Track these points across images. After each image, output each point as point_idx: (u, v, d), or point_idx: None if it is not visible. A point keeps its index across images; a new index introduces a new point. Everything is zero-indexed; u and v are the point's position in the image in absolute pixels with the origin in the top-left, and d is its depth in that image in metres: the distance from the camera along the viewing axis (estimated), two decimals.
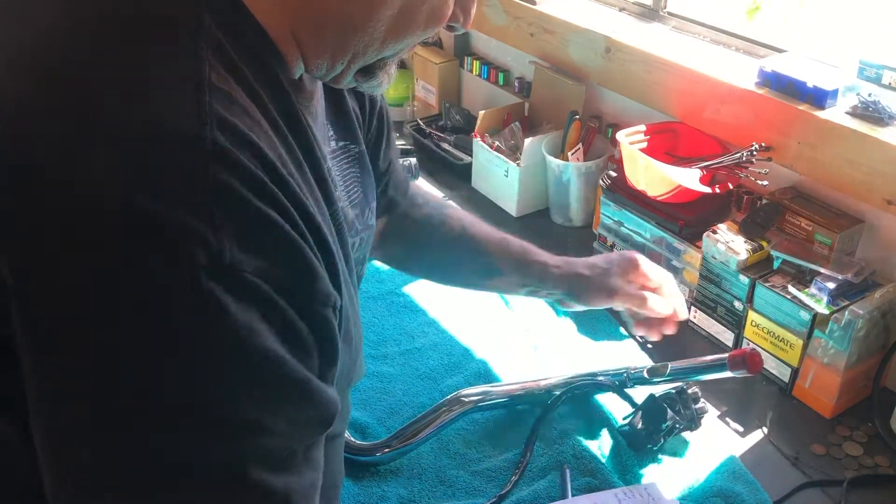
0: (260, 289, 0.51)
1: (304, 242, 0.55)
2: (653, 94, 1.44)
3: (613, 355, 1.25)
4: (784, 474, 1.06)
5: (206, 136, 0.50)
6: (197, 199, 0.49)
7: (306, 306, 0.56)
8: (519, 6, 1.67)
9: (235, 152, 0.51)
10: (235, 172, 0.50)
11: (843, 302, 1.12)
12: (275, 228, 0.53)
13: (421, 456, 1.07)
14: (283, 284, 0.53)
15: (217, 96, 0.52)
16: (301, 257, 0.55)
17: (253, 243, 0.51)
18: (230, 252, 0.49)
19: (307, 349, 0.57)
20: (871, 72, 1.19)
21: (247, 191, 0.51)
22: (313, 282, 0.56)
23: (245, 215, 0.51)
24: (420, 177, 1.73)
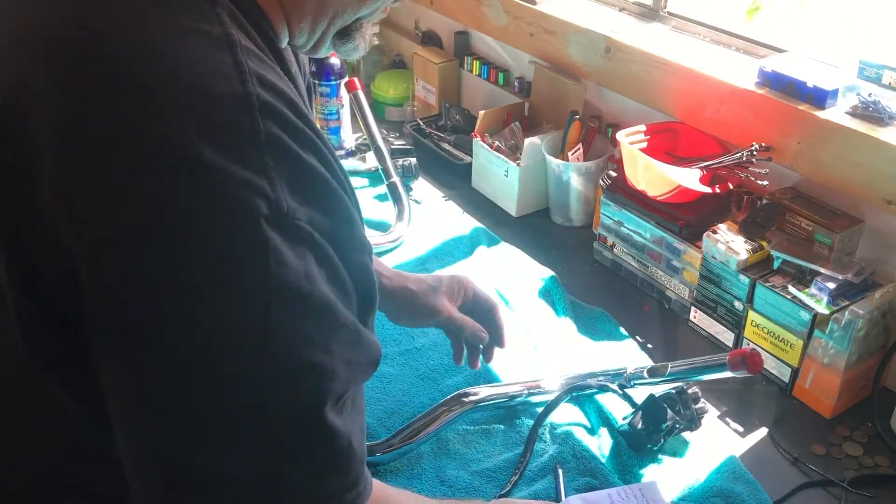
0: (313, 236, 0.55)
1: (343, 191, 0.58)
2: (653, 94, 1.44)
3: (613, 355, 1.25)
4: (784, 474, 1.06)
5: (252, 92, 0.52)
6: (254, 152, 0.52)
7: (346, 252, 0.58)
8: (519, 6, 1.67)
9: (280, 106, 0.54)
10: (282, 124, 0.53)
11: (843, 302, 1.12)
12: (319, 177, 0.56)
13: (421, 456, 1.07)
14: (328, 231, 0.56)
15: (249, 56, 0.54)
16: (342, 205, 0.58)
17: (302, 192, 0.54)
18: (286, 202, 0.52)
19: (349, 294, 0.59)
20: (871, 72, 1.19)
21: (294, 142, 0.54)
22: (352, 229, 0.59)
23: (294, 165, 0.54)
24: (420, 177, 1.73)
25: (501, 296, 1.38)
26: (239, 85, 0.52)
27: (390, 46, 2.21)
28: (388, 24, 2.23)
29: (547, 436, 1.10)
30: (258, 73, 0.53)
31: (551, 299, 1.37)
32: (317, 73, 1.78)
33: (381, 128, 1.80)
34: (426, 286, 1.06)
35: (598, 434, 1.11)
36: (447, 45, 2.03)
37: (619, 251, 1.45)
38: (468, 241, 1.54)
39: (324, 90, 1.78)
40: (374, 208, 1.66)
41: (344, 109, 1.82)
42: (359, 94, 1.76)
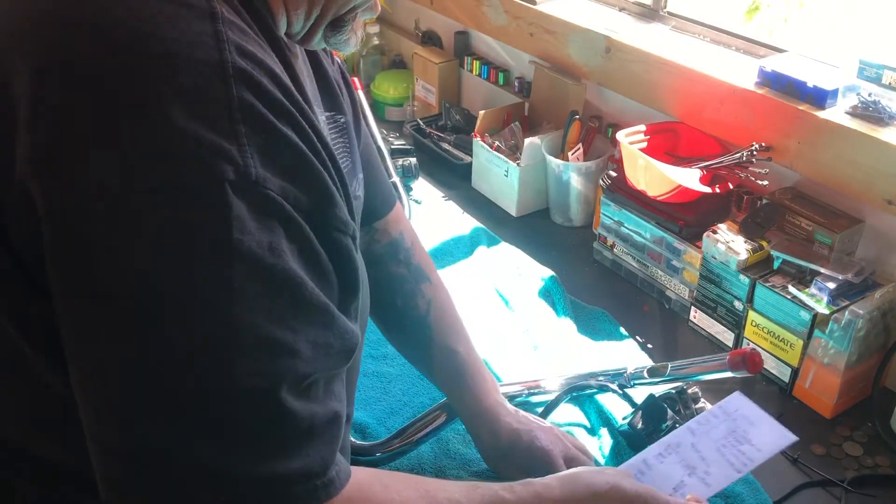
0: (284, 208, 0.54)
1: (322, 167, 0.57)
2: (653, 94, 1.44)
3: (613, 355, 1.25)
4: (784, 474, 1.06)
5: (227, 59, 0.53)
6: (225, 117, 0.52)
7: (324, 231, 0.57)
8: (519, 6, 1.67)
9: (256, 74, 0.53)
10: (258, 93, 0.53)
11: (843, 302, 1.12)
12: (294, 149, 0.55)
13: (421, 456, 1.07)
14: (302, 205, 0.55)
15: (231, 27, 0.54)
16: (319, 180, 0.57)
17: (274, 162, 0.53)
18: (255, 169, 0.52)
19: (325, 275, 0.58)
20: (871, 72, 1.19)
21: (268, 111, 0.54)
22: (330, 206, 0.58)
23: (267, 134, 0.53)
24: (420, 177, 1.73)
25: (501, 296, 1.38)
26: (215, 53, 0.52)
27: (390, 46, 2.21)
28: (388, 24, 2.23)
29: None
30: (237, 43, 0.54)
31: (551, 299, 1.37)
32: None
33: (381, 128, 1.80)
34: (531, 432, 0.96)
35: (598, 434, 1.11)
36: (447, 45, 2.03)
37: (619, 251, 1.45)
38: (468, 241, 1.54)
39: None
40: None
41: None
42: (359, 93, 1.75)
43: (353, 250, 0.61)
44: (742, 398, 0.96)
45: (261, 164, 0.52)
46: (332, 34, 0.69)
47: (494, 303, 1.37)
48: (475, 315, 1.33)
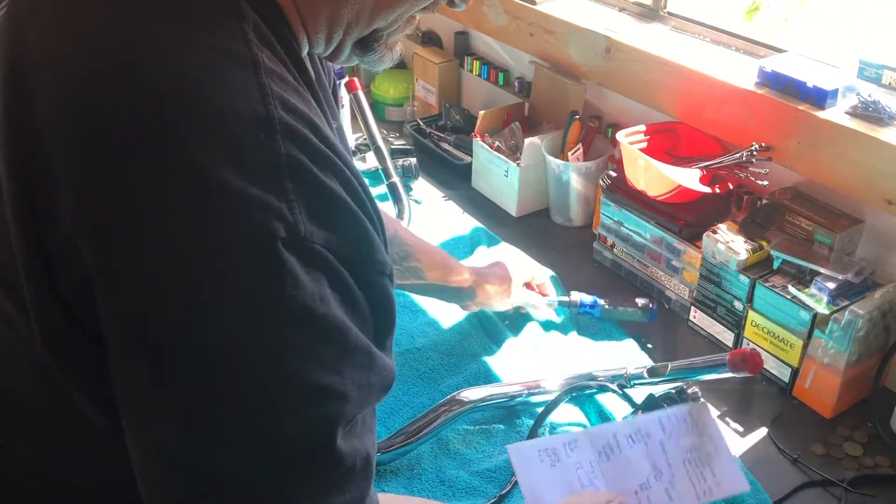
0: (328, 259, 0.54)
1: (364, 213, 0.58)
2: (653, 94, 1.44)
3: (613, 355, 1.25)
4: (784, 474, 1.06)
5: (275, 115, 0.53)
6: (274, 174, 0.52)
7: (364, 275, 0.58)
8: (519, 6, 1.67)
9: (301, 129, 0.54)
10: (304, 148, 0.54)
11: (843, 302, 1.12)
12: (338, 200, 0.56)
13: (421, 456, 1.07)
14: (345, 254, 0.56)
15: (273, 77, 0.54)
16: (361, 227, 0.58)
17: (320, 215, 0.54)
18: (304, 225, 0.52)
19: (364, 317, 0.59)
20: (871, 72, 1.19)
21: (314, 165, 0.54)
22: (371, 251, 0.59)
23: (313, 189, 0.54)
24: (420, 177, 1.73)
25: None
26: (262, 107, 0.52)
27: None
28: None
29: (547, 436, 1.10)
30: (281, 96, 0.54)
31: None
32: None
33: (381, 128, 1.80)
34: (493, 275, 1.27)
35: None
36: (447, 45, 2.03)
37: (619, 251, 1.45)
38: (468, 241, 1.54)
39: None
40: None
41: (344, 109, 1.82)
42: (359, 94, 1.75)
43: (390, 288, 0.62)
44: (709, 412, 0.99)
45: (308, 218, 0.53)
46: (362, 53, 0.69)
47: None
48: (475, 315, 1.34)
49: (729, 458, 0.95)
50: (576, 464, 0.93)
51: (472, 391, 1.12)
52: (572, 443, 0.94)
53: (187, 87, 0.52)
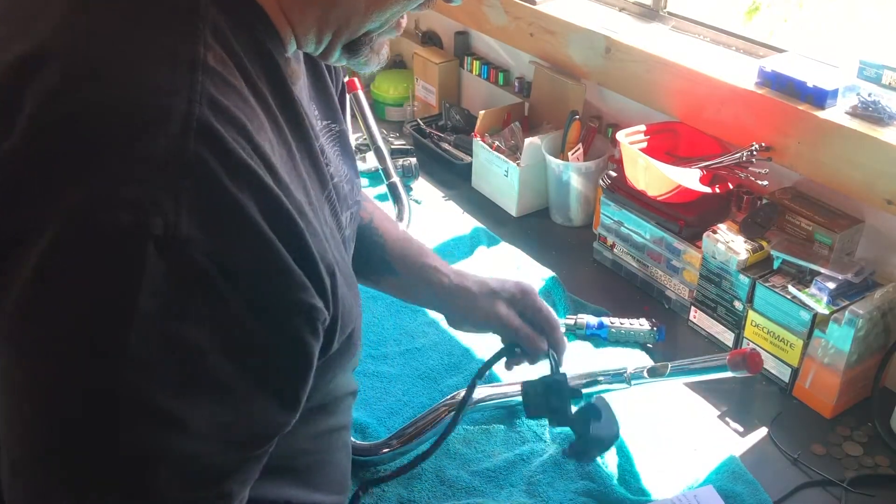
0: (207, 273, 0.50)
1: (281, 241, 0.53)
2: (653, 94, 1.44)
3: (613, 355, 1.25)
4: (784, 474, 1.06)
5: (195, 112, 0.50)
6: (172, 170, 0.49)
7: (268, 309, 0.54)
8: (519, 6, 1.67)
9: (222, 133, 0.51)
10: (218, 154, 0.51)
11: (843, 302, 1.12)
12: (245, 218, 0.51)
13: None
14: (240, 275, 0.51)
15: (212, 77, 0.52)
16: (270, 254, 0.53)
17: (214, 227, 0.50)
18: (186, 229, 0.49)
19: (251, 352, 0.54)
20: (871, 72, 1.19)
21: (225, 174, 0.51)
22: (284, 284, 0.54)
23: (214, 197, 0.50)
24: (420, 177, 1.73)
25: None
26: (184, 104, 0.51)
27: (390, 46, 2.20)
28: None
29: (547, 435, 1.10)
30: (212, 97, 0.52)
31: (552, 299, 1.37)
32: None
33: (381, 128, 1.80)
34: (487, 289, 0.99)
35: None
36: (447, 45, 2.03)
37: (619, 251, 1.45)
38: (468, 241, 1.54)
39: None
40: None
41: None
42: (359, 94, 1.75)
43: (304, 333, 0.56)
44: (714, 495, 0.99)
45: (196, 224, 0.49)
46: (350, 55, 0.67)
47: None
48: None
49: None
50: None
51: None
52: None
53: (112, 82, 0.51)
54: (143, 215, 0.48)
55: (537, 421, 1.13)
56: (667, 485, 1.03)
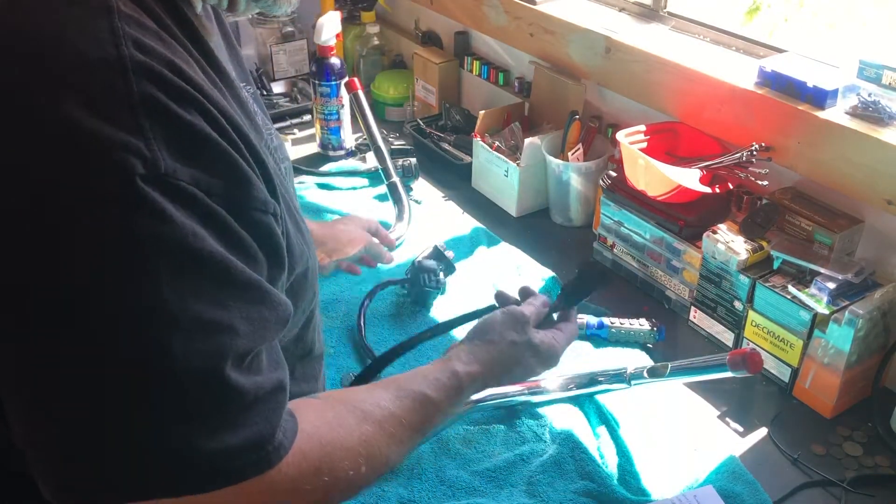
0: (196, 196, 0.55)
1: (236, 151, 0.58)
2: (653, 94, 1.44)
3: (613, 355, 1.25)
4: (784, 474, 1.06)
5: (125, 55, 0.53)
6: (127, 112, 0.52)
7: (244, 213, 0.59)
8: (519, 6, 1.67)
9: (158, 67, 0.54)
10: (159, 85, 0.54)
11: (843, 302, 1.12)
12: (204, 137, 0.56)
13: (421, 456, 1.07)
14: (218, 192, 0.56)
15: (128, 21, 0.55)
16: (233, 164, 0.58)
17: (184, 152, 0.54)
18: (164, 161, 0.53)
19: (251, 254, 0.60)
20: (871, 72, 1.19)
21: (172, 102, 0.54)
22: (248, 188, 0.59)
23: (174, 125, 0.54)
24: (420, 177, 1.73)
25: None
26: (112, 48, 0.53)
27: (390, 46, 2.21)
28: (388, 24, 2.23)
29: (547, 435, 1.10)
30: (135, 38, 0.54)
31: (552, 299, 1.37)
32: (317, 73, 1.78)
33: (381, 128, 1.80)
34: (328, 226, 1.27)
35: (597, 435, 1.11)
36: (447, 45, 2.03)
37: (619, 251, 1.45)
38: (468, 241, 1.54)
39: (324, 90, 1.78)
40: (375, 208, 1.66)
41: (344, 109, 1.82)
42: (359, 94, 1.76)
43: (275, 227, 0.63)
44: (714, 495, 0.99)
45: (169, 155, 0.53)
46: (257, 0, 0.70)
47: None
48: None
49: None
50: None
51: None
52: None
53: (40, 38, 0.52)
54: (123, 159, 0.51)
55: (537, 421, 1.13)
56: (667, 485, 1.03)
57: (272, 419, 0.61)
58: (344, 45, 2.15)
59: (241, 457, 0.59)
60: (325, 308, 1.36)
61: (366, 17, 2.14)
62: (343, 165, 1.81)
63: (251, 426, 0.59)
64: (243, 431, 0.59)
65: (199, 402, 0.56)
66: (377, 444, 0.72)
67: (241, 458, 0.59)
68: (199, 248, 0.54)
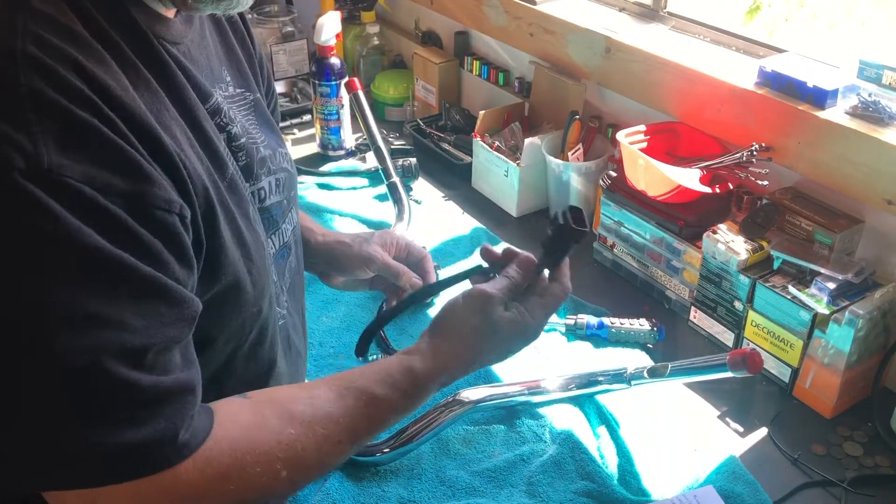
0: (84, 193, 0.54)
1: (135, 150, 0.58)
2: (653, 94, 1.44)
3: (614, 355, 1.25)
4: (784, 474, 1.06)
5: (18, 48, 0.53)
6: (12, 105, 0.52)
7: (146, 210, 0.59)
8: (519, 6, 1.67)
9: (50, 62, 0.54)
10: (49, 80, 0.54)
11: (843, 302, 1.12)
12: (98, 135, 0.56)
13: (421, 456, 1.07)
14: (116, 190, 0.56)
15: (38, 19, 0.55)
16: (131, 163, 0.58)
17: (76, 149, 0.54)
18: (48, 157, 0.53)
19: (152, 251, 0.59)
20: (871, 72, 1.19)
21: (64, 98, 0.54)
22: (150, 187, 0.59)
23: (66, 122, 0.54)
24: (420, 177, 1.73)
25: None
26: (9, 40, 0.53)
27: (390, 46, 2.21)
28: (388, 24, 2.23)
29: (547, 435, 1.11)
30: (37, 34, 0.54)
31: None
32: (317, 73, 1.78)
33: (381, 128, 1.80)
34: (359, 238, 1.06)
35: (597, 435, 1.11)
36: (447, 45, 2.03)
37: (619, 251, 1.45)
38: (468, 241, 1.54)
39: (324, 90, 1.78)
40: (374, 208, 1.66)
41: (344, 109, 1.82)
42: (359, 94, 1.76)
43: (180, 227, 0.62)
44: (714, 495, 0.99)
45: (57, 151, 0.53)
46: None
47: None
48: None
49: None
50: None
51: (472, 391, 1.12)
52: None
53: None
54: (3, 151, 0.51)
55: (537, 421, 1.13)
56: (667, 485, 1.03)
57: (175, 419, 0.61)
58: (344, 45, 2.15)
59: (138, 454, 0.59)
60: (325, 308, 1.36)
61: (366, 17, 2.14)
62: (343, 165, 1.81)
63: (151, 425, 0.59)
64: (143, 429, 0.59)
65: (86, 397, 0.56)
66: (302, 446, 0.70)
67: (138, 455, 0.59)
68: (84, 244, 0.54)
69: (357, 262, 1.05)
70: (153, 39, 0.65)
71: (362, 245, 1.05)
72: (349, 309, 1.35)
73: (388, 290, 1.08)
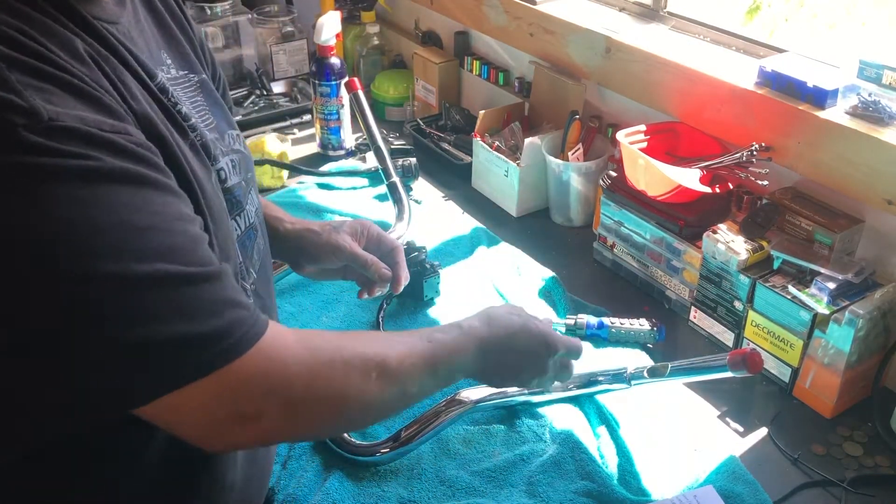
0: (93, 134, 0.57)
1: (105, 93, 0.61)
2: (653, 94, 1.44)
3: (614, 355, 1.25)
4: (784, 474, 1.06)
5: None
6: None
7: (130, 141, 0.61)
8: (519, 6, 1.67)
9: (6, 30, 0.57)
10: (11, 45, 0.56)
11: (843, 302, 1.12)
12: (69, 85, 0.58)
13: (421, 456, 1.07)
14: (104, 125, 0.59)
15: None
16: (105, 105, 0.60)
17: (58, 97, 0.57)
18: (44, 109, 0.55)
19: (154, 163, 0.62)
20: (871, 72, 1.19)
21: (29, 58, 0.56)
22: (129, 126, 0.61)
23: (39, 77, 0.56)
24: (420, 177, 1.73)
25: (502, 295, 1.38)
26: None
27: (390, 46, 2.21)
28: (388, 24, 2.23)
29: (547, 435, 1.11)
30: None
31: (552, 299, 1.37)
32: (317, 73, 1.78)
33: (381, 128, 1.80)
34: (329, 226, 1.07)
35: (597, 435, 1.11)
36: (447, 45, 2.03)
37: (619, 251, 1.45)
38: (468, 241, 1.54)
39: (324, 90, 1.78)
40: (374, 208, 1.66)
41: (344, 109, 1.82)
42: (359, 94, 1.75)
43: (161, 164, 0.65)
44: (714, 495, 0.99)
45: (46, 102, 0.55)
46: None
47: (495, 303, 1.37)
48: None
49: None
50: None
51: (472, 391, 1.12)
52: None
53: None
54: (2, 115, 0.53)
55: (537, 421, 1.13)
56: (667, 485, 1.03)
57: (241, 297, 0.65)
58: (344, 45, 2.15)
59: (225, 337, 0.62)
60: (325, 308, 1.36)
61: (366, 17, 2.14)
62: (343, 165, 1.81)
63: (226, 310, 0.63)
64: (220, 317, 0.62)
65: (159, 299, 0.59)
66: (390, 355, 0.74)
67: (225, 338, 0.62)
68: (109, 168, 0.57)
69: (325, 250, 1.05)
70: (91, 19, 0.66)
71: (331, 234, 1.05)
72: (349, 309, 1.35)
73: (360, 280, 1.09)
